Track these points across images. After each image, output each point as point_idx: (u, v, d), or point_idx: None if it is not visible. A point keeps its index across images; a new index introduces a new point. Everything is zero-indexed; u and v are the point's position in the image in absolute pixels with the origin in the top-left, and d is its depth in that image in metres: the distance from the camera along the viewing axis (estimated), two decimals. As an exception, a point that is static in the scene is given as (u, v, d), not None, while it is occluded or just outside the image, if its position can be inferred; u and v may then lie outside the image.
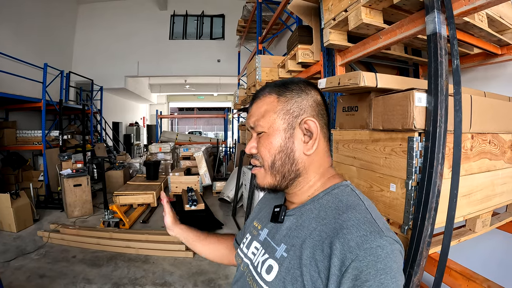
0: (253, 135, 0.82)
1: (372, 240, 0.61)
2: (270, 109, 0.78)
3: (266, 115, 0.78)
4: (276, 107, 0.78)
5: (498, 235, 2.08)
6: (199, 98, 22.04)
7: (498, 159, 1.62)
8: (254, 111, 0.81)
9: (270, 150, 0.77)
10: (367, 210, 0.69)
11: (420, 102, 1.25)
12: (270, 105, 0.79)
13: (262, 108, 0.80)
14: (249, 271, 0.83)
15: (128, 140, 15.84)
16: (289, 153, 0.77)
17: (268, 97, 0.80)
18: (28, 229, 5.01)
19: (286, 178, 0.78)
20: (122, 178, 7.88)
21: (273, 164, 0.78)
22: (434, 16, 1.29)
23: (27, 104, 6.96)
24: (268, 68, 4.48)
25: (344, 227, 0.65)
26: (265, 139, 0.78)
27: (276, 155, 0.77)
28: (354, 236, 0.62)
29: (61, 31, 10.34)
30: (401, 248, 0.65)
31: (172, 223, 1.16)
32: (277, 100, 0.79)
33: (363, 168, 1.59)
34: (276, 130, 0.77)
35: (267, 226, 0.86)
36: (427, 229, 1.18)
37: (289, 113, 0.77)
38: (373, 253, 0.60)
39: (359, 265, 0.59)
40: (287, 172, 0.78)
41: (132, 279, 3.47)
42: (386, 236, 0.62)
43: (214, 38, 12.38)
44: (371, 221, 0.66)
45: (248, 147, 0.81)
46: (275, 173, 0.78)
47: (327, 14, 2.11)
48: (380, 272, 0.58)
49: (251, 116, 0.82)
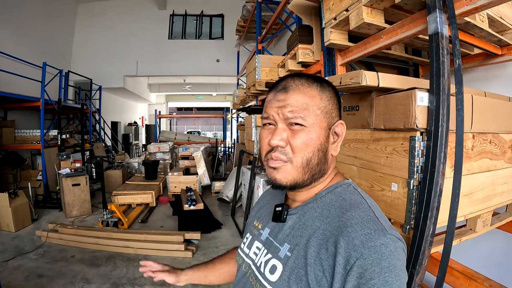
0: (279, 127, 0.74)
1: (376, 238, 0.61)
2: (314, 104, 0.74)
3: (309, 108, 0.73)
4: (320, 103, 0.75)
5: (498, 235, 2.08)
6: (197, 98, 22.04)
7: (499, 159, 1.63)
8: (292, 101, 0.74)
9: (309, 146, 0.73)
10: (370, 209, 0.69)
11: (422, 102, 1.25)
12: (313, 100, 0.74)
13: (303, 100, 0.74)
14: (251, 271, 0.82)
15: (126, 140, 15.79)
16: (325, 152, 0.75)
17: (310, 90, 0.75)
18: (27, 228, 4.98)
19: (314, 176, 0.75)
20: (120, 177, 7.86)
21: (309, 161, 0.73)
22: (436, 15, 1.29)
23: (25, 103, 6.93)
24: (268, 68, 4.48)
25: (348, 225, 0.65)
26: (305, 134, 0.73)
27: (315, 152, 0.74)
28: (358, 234, 0.62)
29: (60, 31, 10.32)
30: (404, 246, 0.65)
31: (175, 277, 1.09)
32: (319, 96, 0.75)
33: (364, 168, 1.59)
34: (319, 127, 0.74)
35: (269, 226, 0.85)
36: (429, 228, 1.18)
37: (329, 113, 0.76)
38: (377, 251, 0.60)
39: (364, 263, 0.59)
40: (318, 171, 0.75)
41: (131, 279, 3.46)
42: (389, 234, 0.63)
43: (213, 38, 12.40)
44: (375, 220, 0.66)
45: (276, 138, 0.73)
46: (308, 170, 0.74)
47: (328, 13, 2.11)
48: (385, 270, 0.59)
49: (287, 105, 0.74)
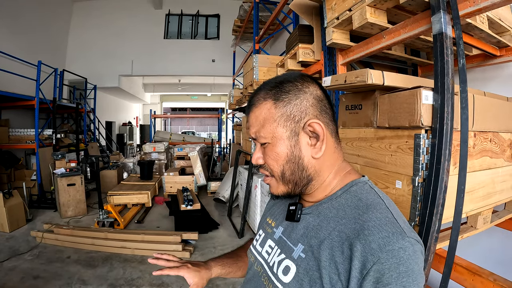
0: (257, 145, 0.77)
1: (395, 241, 0.59)
2: (269, 117, 0.73)
3: (265, 124, 0.73)
4: (275, 114, 0.72)
5: (496, 232, 2.12)
6: (192, 98, 22.00)
7: (498, 157, 1.66)
8: (253, 121, 0.76)
9: (278, 161, 0.73)
10: (387, 209, 0.67)
11: (427, 100, 1.27)
12: (268, 113, 0.73)
13: (260, 116, 0.74)
14: (263, 270, 0.81)
15: (121, 140, 15.72)
16: (298, 161, 0.73)
17: (264, 103, 0.74)
18: (21, 229, 4.93)
19: (299, 185, 0.75)
20: (115, 177, 7.81)
21: (282, 174, 0.74)
22: (440, 16, 1.31)
23: (20, 102, 6.86)
24: (266, 68, 4.49)
25: (365, 228, 0.63)
26: (270, 150, 0.74)
27: (284, 165, 0.73)
28: (376, 238, 0.60)
29: (55, 29, 10.24)
30: (422, 248, 0.64)
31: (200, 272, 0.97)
32: (274, 106, 0.73)
33: (368, 166, 1.61)
34: (280, 139, 0.72)
35: (282, 224, 0.84)
36: (435, 224, 1.20)
37: (290, 118, 0.72)
38: (395, 255, 0.58)
39: (381, 267, 0.58)
40: (299, 180, 0.75)
41: (129, 279, 3.44)
42: (408, 237, 0.61)
43: (209, 38, 12.38)
44: (393, 221, 0.64)
45: (254, 158, 0.78)
46: (287, 181, 0.75)
47: (330, 13, 2.12)
48: (402, 275, 0.57)
49: (250, 126, 0.77)
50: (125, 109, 17.69)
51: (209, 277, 1.00)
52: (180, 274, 0.94)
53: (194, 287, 0.94)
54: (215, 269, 1.03)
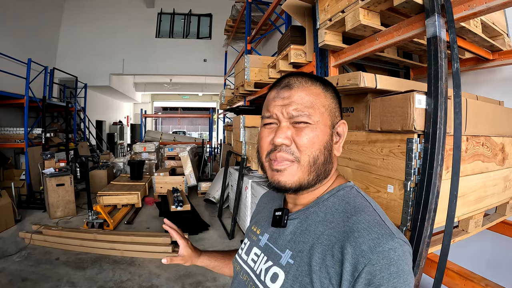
0: (283, 124, 0.72)
1: (385, 243, 0.59)
2: (319, 102, 0.73)
3: (315, 106, 0.72)
4: (324, 101, 0.74)
5: (486, 235, 2.12)
6: (183, 98, 21.88)
7: (490, 161, 1.66)
8: (297, 98, 0.72)
9: (314, 144, 0.70)
10: (375, 212, 0.67)
11: (420, 104, 1.26)
12: (318, 98, 0.73)
13: (308, 97, 0.72)
14: (250, 279, 0.80)
15: (111, 139, 15.55)
16: (330, 151, 0.74)
17: (314, 87, 0.74)
18: (9, 230, 4.84)
19: (319, 176, 0.73)
20: (105, 178, 7.72)
21: (315, 159, 0.71)
22: (435, 19, 1.31)
23: (9, 100, 6.72)
24: (257, 68, 4.48)
25: (355, 230, 0.63)
26: (311, 131, 0.70)
27: (322, 150, 0.71)
28: (366, 239, 0.60)
29: (46, 27, 10.10)
30: (410, 249, 0.64)
31: (191, 252, 1.07)
32: (323, 94, 0.75)
33: (359, 170, 1.60)
34: (324, 125, 0.72)
35: (268, 231, 0.83)
36: (427, 230, 1.19)
37: (333, 112, 0.75)
38: (386, 256, 0.58)
39: (372, 269, 0.58)
40: (324, 171, 0.73)
41: (118, 282, 3.39)
42: (397, 238, 0.61)
43: (201, 38, 12.34)
44: (381, 223, 0.64)
45: (281, 136, 0.70)
46: (313, 170, 0.71)
47: (323, 14, 2.11)
48: (393, 275, 0.57)
49: (292, 103, 0.72)
50: (116, 108, 17.50)
51: (194, 261, 1.08)
52: (180, 241, 1.06)
53: (179, 257, 1.04)
54: (203, 258, 1.10)
